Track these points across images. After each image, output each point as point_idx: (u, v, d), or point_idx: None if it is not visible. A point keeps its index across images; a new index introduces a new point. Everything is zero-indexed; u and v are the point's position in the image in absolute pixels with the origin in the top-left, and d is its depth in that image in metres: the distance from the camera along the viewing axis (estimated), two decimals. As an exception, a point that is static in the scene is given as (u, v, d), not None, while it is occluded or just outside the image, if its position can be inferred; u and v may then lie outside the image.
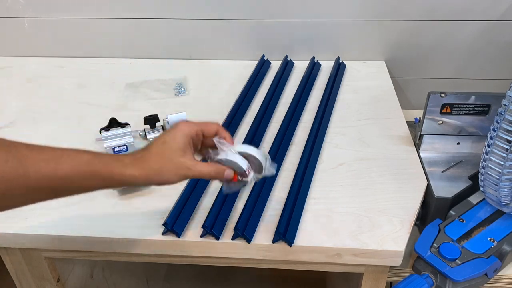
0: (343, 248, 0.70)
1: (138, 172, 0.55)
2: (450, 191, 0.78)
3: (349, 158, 0.87)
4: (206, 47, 1.21)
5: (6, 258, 0.81)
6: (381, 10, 1.11)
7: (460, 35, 1.13)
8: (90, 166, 0.52)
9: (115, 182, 0.55)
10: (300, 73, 1.14)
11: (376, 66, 1.18)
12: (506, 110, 0.61)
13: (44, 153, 0.51)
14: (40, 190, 0.51)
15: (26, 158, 0.49)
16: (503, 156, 0.63)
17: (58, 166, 0.50)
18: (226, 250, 0.72)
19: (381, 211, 0.76)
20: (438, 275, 0.68)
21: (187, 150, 0.59)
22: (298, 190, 0.78)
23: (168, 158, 0.57)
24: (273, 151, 0.87)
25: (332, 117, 0.99)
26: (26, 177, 0.49)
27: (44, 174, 0.50)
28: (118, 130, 0.86)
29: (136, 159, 0.56)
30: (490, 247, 0.70)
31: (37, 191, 0.51)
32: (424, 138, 0.88)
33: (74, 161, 0.52)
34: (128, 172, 0.55)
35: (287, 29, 1.16)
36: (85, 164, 0.52)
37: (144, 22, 1.18)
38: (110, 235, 0.72)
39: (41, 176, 0.49)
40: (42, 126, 0.97)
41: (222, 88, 1.11)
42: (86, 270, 1.00)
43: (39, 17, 1.19)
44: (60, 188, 0.52)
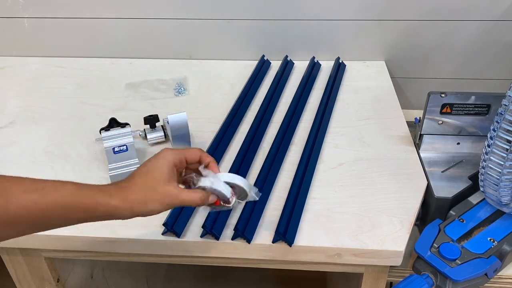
0: (343, 248, 0.70)
1: (122, 203, 0.53)
2: (450, 191, 0.78)
3: (349, 158, 0.87)
4: (206, 47, 1.21)
5: (6, 258, 0.81)
6: (381, 10, 1.11)
7: (460, 35, 1.13)
8: (74, 197, 0.51)
9: (99, 213, 0.53)
10: (300, 73, 1.14)
11: (376, 66, 1.18)
12: (506, 110, 0.61)
13: (26, 185, 0.49)
14: (19, 224, 0.49)
15: (6, 189, 0.48)
16: (503, 156, 0.63)
17: (40, 198, 0.49)
18: (226, 250, 0.72)
19: (381, 211, 0.76)
20: (438, 275, 0.68)
21: (171, 178, 0.57)
22: (298, 190, 0.78)
23: (152, 188, 0.55)
24: (273, 151, 0.87)
25: (332, 117, 0.99)
26: (5, 210, 0.47)
27: (24, 206, 0.48)
28: (118, 130, 0.86)
29: (121, 189, 0.55)
30: (490, 247, 0.70)
31: (16, 225, 0.48)
32: (424, 138, 0.88)
33: (57, 192, 0.50)
34: (113, 203, 0.53)
35: (287, 29, 1.16)
36: (69, 195, 0.51)
37: (144, 22, 1.17)
38: (110, 235, 0.72)
39: (19, 208, 0.48)
40: (42, 126, 0.97)
41: (222, 88, 1.11)
42: (86, 270, 1.00)
43: (39, 17, 1.18)
44: (40, 221, 0.50)
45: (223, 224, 0.73)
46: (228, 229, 0.73)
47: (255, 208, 0.74)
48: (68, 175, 0.84)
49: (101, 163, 0.87)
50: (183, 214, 0.74)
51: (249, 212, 0.73)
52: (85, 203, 0.52)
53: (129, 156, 0.82)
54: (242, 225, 0.71)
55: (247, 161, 0.85)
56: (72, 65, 1.20)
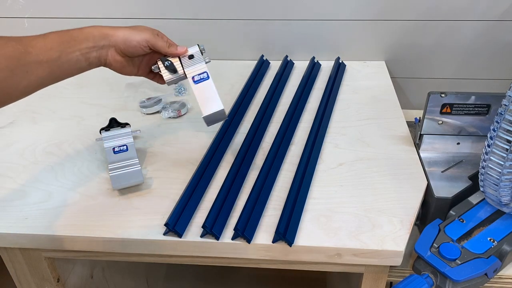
0: (343, 248, 0.70)
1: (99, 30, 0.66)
2: (450, 191, 0.78)
3: (349, 158, 0.87)
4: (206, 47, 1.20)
5: (6, 258, 0.81)
6: (381, 10, 1.11)
7: (460, 35, 1.13)
8: (67, 32, 0.64)
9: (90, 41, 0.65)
10: (300, 73, 1.14)
11: (376, 66, 1.18)
12: (506, 110, 0.61)
13: (31, 36, 0.60)
14: (41, 64, 0.59)
15: (21, 40, 0.58)
16: (503, 156, 0.63)
17: (46, 40, 0.60)
18: (226, 250, 0.72)
19: (381, 211, 0.76)
20: (438, 275, 0.68)
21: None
22: (298, 190, 0.78)
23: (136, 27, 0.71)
24: (273, 151, 0.87)
25: (332, 117, 0.99)
26: (28, 53, 0.58)
27: (40, 48, 0.59)
28: (118, 130, 0.86)
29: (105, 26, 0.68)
30: (490, 247, 0.70)
31: (39, 65, 0.59)
32: (424, 138, 0.88)
33: (56, 33, 0.62)
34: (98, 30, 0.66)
35: (287, 29, 1.16)
36: (63, 32, 0.63)
37: (144, 22, 1.16)
38: (110, 235, 0.72)
39: (37, 50, 0.59)
40: (42, 126, 0.97)
41: (222, 88, 1.10)
42: (86, 270, 1.00)
43: (39, 17, 1.19)
44: (54, 59, 0.61)
45: (223, 224, 0.73)
46: (228, 229, 0.73)
47: (255, 208, 0.74)
48: (68, 175, 0.84)
49: (101, 163, 0.87)
50: (184, 214, 0.74)
51: (249, 212, 0.73)
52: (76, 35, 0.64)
53: (129, 156, 0.82)
54: (242, 225, 0.71)
55: (247, 161, 0.86)
56: (72, 65, 1.20)
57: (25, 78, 0.58)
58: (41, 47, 0.59)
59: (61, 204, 0.78)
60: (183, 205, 0.75)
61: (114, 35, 0.67)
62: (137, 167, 0.81)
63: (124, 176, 0.79)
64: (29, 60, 0.58)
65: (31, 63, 0.58)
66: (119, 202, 0.78)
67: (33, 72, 0.58)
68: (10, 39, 0.58)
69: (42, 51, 0.59)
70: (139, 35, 0.69)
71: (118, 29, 0.68)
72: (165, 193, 0.80)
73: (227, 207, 0.75)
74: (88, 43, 0.65)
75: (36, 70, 0.59)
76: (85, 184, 0.82)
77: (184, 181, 0.81)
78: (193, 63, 0.76)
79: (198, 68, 0.75)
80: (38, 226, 0.74)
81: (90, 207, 0.77)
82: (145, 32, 0.70)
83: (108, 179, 0.81)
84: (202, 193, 0.79)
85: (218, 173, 0.84)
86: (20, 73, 0.57)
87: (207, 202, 0.78)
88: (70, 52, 0.63)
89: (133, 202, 0.78)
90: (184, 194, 0.78)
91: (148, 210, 0.77)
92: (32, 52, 0.58)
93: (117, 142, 0.84)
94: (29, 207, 0.78)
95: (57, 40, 0.62)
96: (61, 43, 0.62)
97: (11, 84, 0.56)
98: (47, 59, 0.60)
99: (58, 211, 0.77)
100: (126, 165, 0.81)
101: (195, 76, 0.74)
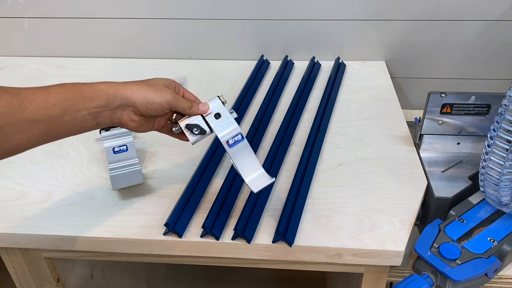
0: (343, 248, 0.70)
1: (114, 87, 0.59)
2: (450, 191, 0.78)
3: (349, 158, 0.87)
4: (206, 47, 1.21)
5: (6, 258, 0.81)
6: (381, 10, 1.11)
7: (460, 35, 1.13)
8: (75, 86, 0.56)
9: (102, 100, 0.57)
10: (300, 73, 1.14)
11: (376, 66, 1.18)
12: (506, 110, 0.61)
13: (32, 89, 0.54)
14: (38, 123, 0.52)
15: (19, 93, 0.52)
16: (503, 156, 0.63)
17: (48, 95, 0.54)
18: (226, 250, 0.72)
19: (381, 211, 0.76)
20: (438, 275, 0.68)
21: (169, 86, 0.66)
22: (298, 190, 0.78)
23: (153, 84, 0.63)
24: (273, 151, 0.87)
25: (332, 117, 0.99)
26: (23, 110, 0.51)
27: (39, 104, 0.52)
28: (118, 130, 0.86)
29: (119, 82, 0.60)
30: (490, 247, 0.70)
31: (35, 123, 0.52)
32: (424, 138, 0.88)
33: (61, 87, 0.56)
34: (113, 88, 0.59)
35: (287, 29, 1.16)
36: (70, 86, 0.56)
37: (144, 22, 1.18)
38: (110, 235, 0.72)
39: (36, 107, 0.52)
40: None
41: (222, 88, 1.11)
42: (86, 270, 1.00)
43: (39, 17, 1.19)
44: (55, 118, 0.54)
45: (223, 224, 0.73)
46: (228, 229, 0.73)
47: (255, 208, 0.74)
48: (68, 175, 0.84)
49: (101, 163, 0.87)
50: (185, 215, 0.74)
51: (249, 212, 0.73)
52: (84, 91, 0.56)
53: (129, 156, 0.82)
54: (242, 225, 0.71)
55: (247, 161, 0.85)
56: (72, 65, 1.20)
57: (15, 138, 0.51)
58: (41, 103, 0.52)
59: (61, 204, 0.78)
60: (183, 205, 0.75)
61: (132, 96, 0.60)
62: (137, 167, 0.80)
63: (124, 176, 0.79)
64: (23, 117, 0.51)
65: (25, 121, 0.51)
66: (119, 202, 0.78)
67: (26, 131, 0.52)
68: (6, 90, 0.51)
69: (41, 108, 0.52)
70: (160, 97, 0.62)
71: (135, 87, 0.60)
72: (165, 193, 0.80)
73: (227, 207, 0.75)
74: (100, 101, 0.57)
75: (30, 129, 0.52)
76: (85, 184, 0.82)
77: (184, 181, 0.81)
78: (223, 123, 0.67)
79: (230, 129, 0.66)
80: (38, 226, 0.74)
81: (90, 207, 0.77)
82: (166, 93, 0.63)
83: (108, 179, 0.81)
84: (202, 193, 0.79)
85: (218, 173, 0.84)
86: (9, 132, 0.50)
87: (207, 202, 0.78)
88: (76, 110, 0.55)
89: (133, 202, 0.78)
90: (184, 194, 0.78)
91: (148, 210, 0.77)
92: (28, 109, 0.51)
93: (117, 142, 0.84)
94: (29, 207, 0.78)
95: (61, 95, 0.54)
96: (67, 100, 0.54)
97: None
98: (46, 117, 0.53)
99: (58, 211, 0.77)
100: (126, 165, 0.81)
101: (229, 140, 0.66)
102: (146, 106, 0.61)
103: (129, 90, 0.60)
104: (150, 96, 0.61)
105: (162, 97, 0.62)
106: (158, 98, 0.62)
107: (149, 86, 0.62)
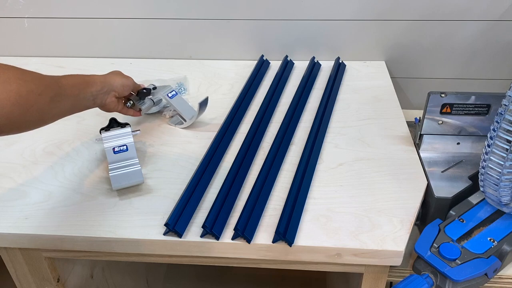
0: (343, 248, 0.70)
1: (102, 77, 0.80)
2: (450, 191, 0.78)
3: (349, 158, 0.87)
4: (206, 47, 1.21)
5: (6, 258, 0.81)
6: (381, 10, 1.11)
7: (460, 35, 1.13)
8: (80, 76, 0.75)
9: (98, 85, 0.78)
10: (300, 73, 1.14)
11: (376, 66, 1.18)
12: (506, 110, 0.61)
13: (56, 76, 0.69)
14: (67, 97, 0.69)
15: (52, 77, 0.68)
16: (503, 156, 0.63)
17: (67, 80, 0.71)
18: (226, 250, 0.73)
19: (381, 211, 0.76)
20: (438, 275, 0.68)
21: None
22: (298, 190, 0.78)
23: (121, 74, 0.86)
24: (273, 151, 0.87)
25: (332, 117, 0.99)
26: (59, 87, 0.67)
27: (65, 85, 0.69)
28: (118, 130, 0.86)
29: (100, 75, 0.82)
30: (490, 247, 0.70)
31: (67, 98, 0.69)
32: (424, 138, 0.88)
33: (72, 76, 0.73)
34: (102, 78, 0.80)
35: (287, 29, 1.16)
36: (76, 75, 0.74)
37: (144, 22, 1.18)
38: (110, 235, 0.72)
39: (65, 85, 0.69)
40: (42, 127, 0.97)
41: (222, 88, 1.11)
42: (86, 270, 1.00)
43: (39, 17, 1.19)
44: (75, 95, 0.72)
45: (223, 224, 0.73)
46: (228, 229, 0.73)
47: (255, 208, 0.74)
48: (68, 175, 0.84)
49: (101, 163, 0.87)
50: (185, 215, 0.74)
51: (249, 212, 0.73)
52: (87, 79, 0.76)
53: (129, 156, 0.82)
54: (242, 225, 0.71)
55: (247, 161, 0.86)
56: (72, 65, 1.20)
57: (57, 107, 0.67)
58: (67, 84, 0.69)
59: (61, 204, 0.78)
60: (183, 205, 0.75)
61: (114, 82, 0.81)
62: (137, 167, 0.81)
63: (124, 176, 0.79)
64: (61, 92, 0.67)
65: (62, 95, 0.67)
66: (119, 202, 0.78)
67: (62, 102, 0.68)
68: (46, 76, 0.66)
69: (68, 87, 0.69)
70: (129, 81, 0.86)
71: (113, 77, 0.82)
72: (165, 193, 0.80)
73: (227, 207, 0.75)
74: (97, 87, 0.77)
75: (64, 101, 0.68)
76: (85, 184, 0.82)
77: (184, 181, 0.81)
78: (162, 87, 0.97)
79: (167, 89, 0.97)
80: (38, 226, 0.74)
81: (90, 207, 0.77)
82: (130, 78, 0.86)
83: (108, 179, 0.81)
84: (202, 193, 0.79)
85: (218, 173, 0.84)
86: (55, 102, 0.66)
87: (207, 202, 0.78)
88: (85, 92, 0.74)
89: (133, 202, 0.78)
90: (184, 194, 0.78)
91: (148, 210, 0.77)
92: (62, 87, 0.68)
93: (117, 142, 0.84)
94: (29, 207, 0.78)
95: (75, 81, 0.72)
96: (80, 84, 0.73)
97: (47, 110, 0.65)
98: (71, 94, 0.70)
99: (58, 211, 0.77)
100: (126, 165, 0.81)
101: (168, 93, 0.96)
102: (123, 88, 0.83)
103: (111, 79, 0.81)
104: (124, 81, 0.84)
105: (130, 81, 0.86)
106: (129, 82, 0.85)
107: (119, 75, 0.84)
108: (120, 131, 0.86)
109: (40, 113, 0.64)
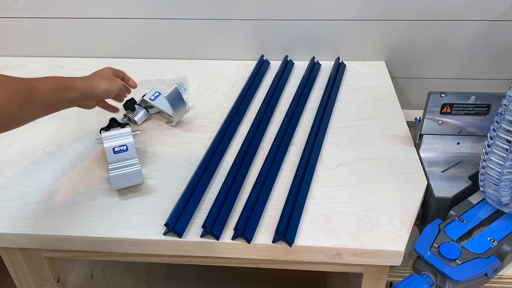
0: (343, 248, 0.70)
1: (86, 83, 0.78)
2: (450, 191, 0.78)
3: (349, 158, 0.87)
4: (206, 47, 1.21)
5: (6, 258, 0.81)
6: (381, 10, 1.11)
7: (460, 35, 1.13)
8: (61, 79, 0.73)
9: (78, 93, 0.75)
10: (300, 73, 1.14)
11: (376, 66, 1.18)
12: (506, 110, 0.61)
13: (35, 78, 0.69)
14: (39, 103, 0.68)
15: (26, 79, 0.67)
16: (503, 156, 0.63)
17: (45, 85, 0.69)
18: (226, 250, 0.73)
19: (381, 211, 0.76)
20: (438, 275, 0.68)
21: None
22: (298, 190, 0.78)
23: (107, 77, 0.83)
24: (273, 151, 0.87)
25: (332, 117, 0.99)
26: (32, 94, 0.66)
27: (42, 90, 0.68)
28: (118, 130, 0.86)
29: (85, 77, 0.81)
30: (490, 247, 0.70)
31: (38, 105, 0.68)
32: (424, 138, 0.88)
33: (53, 79, 0.72)
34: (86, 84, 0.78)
35: (287, 29, 1.16)
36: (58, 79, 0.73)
37: (144, 22, 1.18)
38: (110, 235, 0.73)
39: (40, 92, 0.67)
40: (42, 126, 0.97)
41: (222, 88, 1.11)
42: (86, 270, 1.00)
43: (39, 17, 1.19)
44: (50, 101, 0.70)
45: (223, 224, 0.73)
46: (228, 229, 0.73)
47: (255, 208, 0.74)
48: (68, 175, 0.84)
49: (101, 163, 0.87)
50: (185, 215, 0.74)
51: (249, 212, 0.73)
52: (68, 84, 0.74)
53: (129, 156, 0.82)
54: (242, 225, 0.71)
55: (247, 161, 0.86)
56: (72, 65, 1.20)
57: (27, 113, 0.67)
58: (43, 89, 0.68)
59: (61, 204, 0.78)
60: (183, 205, 0.75)
61: (97, 89, 0.79)
62: (137, 167, 0.81)
63: (124, 176, 0.79)
64: (33, 98, 0.66)
65: (34, 101, 0.67)
66: (119, 202, 0.78)
67: (33, 109, 0.67)
68: (19, 78, 0.66)
69: (42, 93, 0.68)
70: (114, 87, 0.83)
71: (98, 82, 0.80)
72: (165, 193, 0.80)
73: (227, 207, 0.75)
74: (77, 94, 0.75)
75: (36, 107, 0.68)
76: (85, 184, 0.82)
77: (184, 181, 0.81)
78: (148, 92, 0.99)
79: (152, 92, 0.98)
80: (38, 226, 0.74)
81: (90, 207, 0.77)
82: (117, 82, 0.84)
83: (108, 179, 0.81)
84: (202, 193, 0.79)
85: (218, 173, 0.84)
86: (24, 109, 0.65)
87: (207, 202, 0.78)
88: (62, 98, 0.73)
89: (133, 202, 0.78)
90: (184, 194, 0.78)
91: (148, 210, 0.77)
92: (35, 93, 0.67)
93: (117, 142, 0.84)
94: (29, 207, 0.78)
95: (54, 86, 0.71)
96: (57, 89, 0.71)
97: (15, 116, 0.65)
98: (45, 100, 0.69)
99: (58, 211, 0.77)
100: (126, 165, 0.81)
101: (151, 96, 0.97)
102: (106, 95, 0.82)
103: (95, 84, 0.79)
104: (108, 88, 0.81)
105: (115, 86, 0.83)
106: (114, 88, 0.82)
107: (105, 79, 0.81)
108: (120, 131, 0.86)
109: (8, 119, 0.64)
